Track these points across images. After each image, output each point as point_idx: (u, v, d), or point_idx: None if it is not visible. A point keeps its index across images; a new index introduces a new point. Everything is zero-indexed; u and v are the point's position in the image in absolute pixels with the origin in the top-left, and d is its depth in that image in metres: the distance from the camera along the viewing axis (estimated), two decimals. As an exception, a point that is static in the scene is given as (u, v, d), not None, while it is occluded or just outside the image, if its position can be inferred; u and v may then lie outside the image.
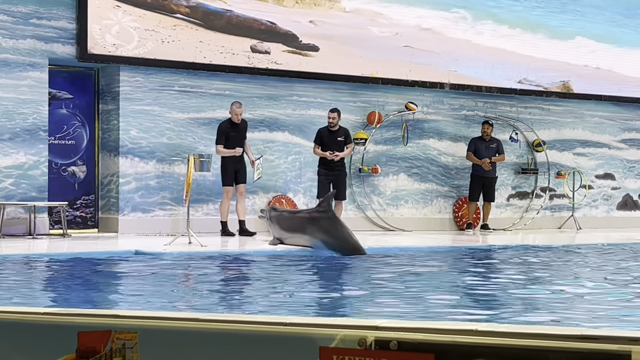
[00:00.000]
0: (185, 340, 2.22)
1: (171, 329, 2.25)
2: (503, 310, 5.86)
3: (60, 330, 2.38)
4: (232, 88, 14.17)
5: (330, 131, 13.65)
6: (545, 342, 1.87)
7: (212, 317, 2.26)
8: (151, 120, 13.56)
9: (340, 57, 14.94)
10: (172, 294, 6.82)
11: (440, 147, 16.11)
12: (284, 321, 2.14)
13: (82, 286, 7.22)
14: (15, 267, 8.60)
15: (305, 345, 2.06)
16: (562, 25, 17.24)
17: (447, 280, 8.07)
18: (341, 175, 13.64)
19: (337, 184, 13.53)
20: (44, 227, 12.75)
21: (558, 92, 17.24)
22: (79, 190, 13.60)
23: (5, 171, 12.55)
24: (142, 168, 13.50)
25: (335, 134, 13.63)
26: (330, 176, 13.54)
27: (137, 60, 13.33)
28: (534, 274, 8.59)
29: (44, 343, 2.41)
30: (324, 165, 13.60)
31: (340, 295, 6.76)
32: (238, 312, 5.50)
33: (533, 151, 17.08)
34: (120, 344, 2.30)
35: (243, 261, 9.79)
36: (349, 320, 2.12)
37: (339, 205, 13.56)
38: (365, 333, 2.01)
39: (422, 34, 15.80)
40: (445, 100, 16.20)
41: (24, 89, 12.66)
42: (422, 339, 1.95)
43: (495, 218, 16.27)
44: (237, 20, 14.16)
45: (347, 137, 13.75)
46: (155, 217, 13.54)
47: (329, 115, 13.65)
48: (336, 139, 13.61)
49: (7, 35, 12.56)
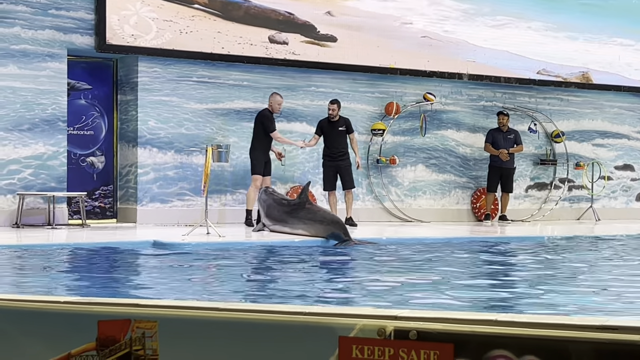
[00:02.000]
0: (205, 329, 2.23)
1: (191, 318, 2.25)
2: (522, 300, 5.85)
3: (80, 319, 2.39)
4: (250, 79, 14.17)
5: (330, 122, 13.70)
6: (565, 332, 1.87)
7: (231, 307, 2.26)
8: (169, 111, 13.58)
9: (358, 47, 14.91)
10: (191, 283, 6.84)
11: (458, 137, 16.07)
12: (303, 310, 2.14)
13: (103, 275, 7.25)
14: (37, 257, 8.64)
15: (324, 334, 2.06)
16: (581, 16, 17.13)
17: (466, 269, 8.06)
18: (345, 165, 13.67)
19: (343, 174, 13.64)
20: (63, 217, 12.81)
21: (577, 83, 17.16)
22: (98, 181, 13.65)
23: (25, 161, 12.60)
24: (161, 159, 13.53)
25: (335, 124, 13.68)
26: (334, 166, 13.61)
27: (155, 51, 13.35)
28: (553, 265, 8.56)
29: (64, 332, 2.42)
30: (327, 156, 13.70)
31: (359, 285, 6.76)
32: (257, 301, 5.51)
33: (552, 142, 17.01)
34: (140, 333, 2.31)
35: (262, 251, 9.80)
36: (368, 310, 2.12)
37: (348, 194, 13.71)
38: (385, 323, 2.01)
39: (440, 24, 15.75)
40: (464, 91, 16.15)
41: (43, 80, 12.71)
42: (441, 328, 1.95)
43: (513, 209, 16.23)
44: (255, 10, 14.15)
45: (348, 127, 13.77)
46: (173, 208, 13.57)
47: (329, 107, 13.70)
48: (337, 129, 13.66)
49: (26, 26, 12.61)
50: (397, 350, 1.98)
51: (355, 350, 2.02)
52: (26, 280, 6.72)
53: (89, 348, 2.37)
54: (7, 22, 12.48)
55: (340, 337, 2.03)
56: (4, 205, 12.45)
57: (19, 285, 6.32)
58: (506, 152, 15.59)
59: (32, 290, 5.83)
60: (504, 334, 1.90)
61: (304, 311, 2.14)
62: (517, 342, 1.88)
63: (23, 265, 8.08)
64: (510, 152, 15.67)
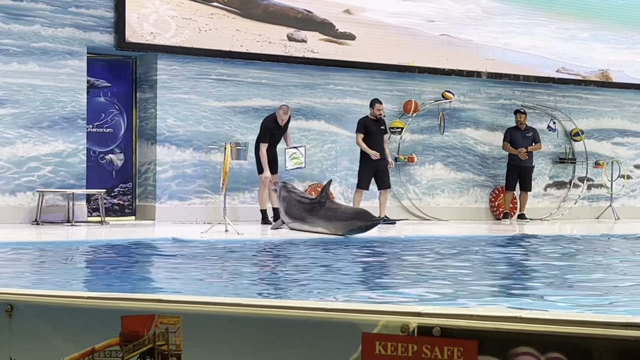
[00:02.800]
0: (228, 325, 2.24)
1: (214, 313, 2.26)
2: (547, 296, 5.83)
3: (104, 315, 2.40)
4: (269, 77, 14.18)
5: (375, 121, 13.86)
6: (590, 329, 1.86)
7: (254, 302, 2.27)
8: (188, 109, 13.62)
9: (376, 45, 14.90)
10: (213, 279, 6.86)
11: (477, 136, 16.03)
12: (326, 307, 2.15)
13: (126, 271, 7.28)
14: (60, 253, 8.68)
15: (347, 331, 2.07)
16: (601, 13, 17.06)
17: (488, 266, 8.04)
18: (385, 164, 13.82)
19: (382, 173, 13.81)
20: (82, 214, 12.86)
21: (596, 81, 17.08)
22: (117, 178, 13.70)
23: (44, 159, 12.66)
24: (179, 156, 13.56)
25: (378, 124, 13.90)
26: (375, 166, 13.72)
27: (174, 49, 13.38)
28: (577, 262, 8.53)
29: (88, 327, 2.43)
30: (369, 156, 13.71)
31: (382, 281, 6.76)
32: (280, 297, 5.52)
33: (571, 140, 16.94)
34: (164, 328, 2.32)
35: (281, 248, 9.81)
36: (392, 307, 2.12)
37: (385, 194, 13.96)
38: (408, 319, 2.01)
39: (459, 22, 15.71)
40: (483, 89, 16.11)
41: (63, 77, 12.76)
42: (465, 325, 1.95)
43: (532, 208, 16.18)
44: (274, 8, 14.16)
45: (386, 127, 14.14)
46: (192, 205, 13.61)
47: (378, 107, 13.83)
48: (380, 129, 13.87)
49: (46, 23, 12.66)
50: (421, 346, 1.98)
51: (378, 346, 2.03)
52: (49, 276, 6.75)
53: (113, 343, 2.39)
54: (27, 19, 12.54)
55: (363, 334, 2.04)
56: (23, 202, 12.51)
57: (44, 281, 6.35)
58: (525, 151, 15.55)
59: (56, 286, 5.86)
60: (528, 331, 1.90)
61: (327, 307, 2.14)
62: (541, 339, 1.88)
63: (45, 261, 8.12)
64: (528, 151, 15.62)
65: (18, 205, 12.48)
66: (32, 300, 2.49)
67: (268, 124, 13.07)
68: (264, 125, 13.10)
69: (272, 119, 13.11)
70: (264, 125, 13.10)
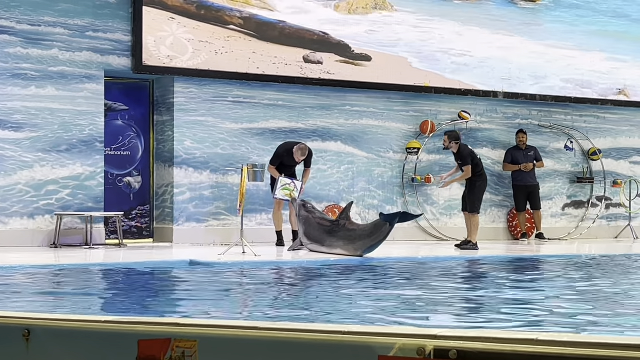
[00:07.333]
0: (244, 348, 2.24)
1: (230, 337, 2.26)
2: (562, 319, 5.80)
3: (121, 339, 2.40)
4: (285, 98, 14.22)
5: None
6: (607, 351, 1.85)
7: (270, 326, 2.27)
8: (205, 131, 13.66)
9: (392, 66, 14.92)
10: (230, 303, 6.86)
11: (493, 156, 15.99)
12: (342, 330, 2.14)
13: (142, 295, 7.28)
14: (76, 276, 8.70)
15: (364, 353, 2.06)
16: (619, 31, 17.04)
17: (505, 289, 8.00)
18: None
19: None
20: (100, 237, 12.90)
21: (614, 100, 17.03)
22: (135, 201, 13.75)
23: (62, 182, 12.73)
24: (197, 178, 13.60)
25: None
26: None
27: (191, 72, 13.44)
28: (594, 284, 8.48)
29: (105, 351, 2.44)
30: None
31: (398, 304, 6.74)
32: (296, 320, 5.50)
33: (588, 160, 16.89)
34: (180, 352, 2.32)
35: (297, 270, 9.80)
36: (408, 329, 2.12)
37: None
38: (424, 342, 2.00)
39: (474, 43, 15.71)
40: (499, 109, 16.09)
41: (81, 101, 12.84)
42: (482, 348, 1.94)
43: (550, 227, 16.11)
44: (290, 31, 14.22)
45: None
46: (209, 227, 13.62)
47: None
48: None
49: (64, 48, 12.76)
50: (438, 369, 1.97)
51: (395, 369, 2.02)
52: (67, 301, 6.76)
53: (130, 367, 2.39)
54: (46, 44, 12.64)
55: (379, 357, 2.03)
56: (42, 225, 12.57)
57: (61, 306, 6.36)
58: (532, 166, 15.60)
59: (73, 310, 5.87)
60: (545, 354, 1.89)
61: (344, 330, 2.14)
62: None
63: (63, 285, 8.14)
64: (536, 168, 15.70)
65: (36, 229, 12.54)
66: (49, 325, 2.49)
67: (281, 152, 12.96)
68: (278, 152, 12.99)
69: (287, 150, 12.86)
70: (278, 152, 12.99)
